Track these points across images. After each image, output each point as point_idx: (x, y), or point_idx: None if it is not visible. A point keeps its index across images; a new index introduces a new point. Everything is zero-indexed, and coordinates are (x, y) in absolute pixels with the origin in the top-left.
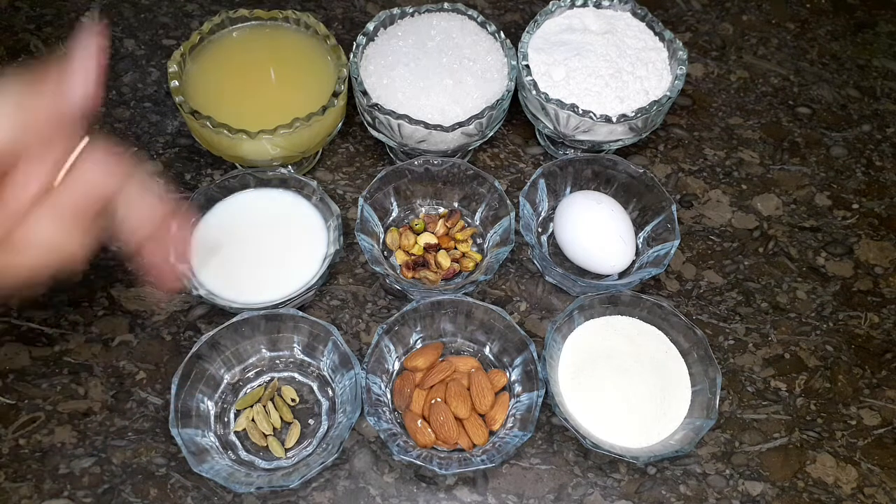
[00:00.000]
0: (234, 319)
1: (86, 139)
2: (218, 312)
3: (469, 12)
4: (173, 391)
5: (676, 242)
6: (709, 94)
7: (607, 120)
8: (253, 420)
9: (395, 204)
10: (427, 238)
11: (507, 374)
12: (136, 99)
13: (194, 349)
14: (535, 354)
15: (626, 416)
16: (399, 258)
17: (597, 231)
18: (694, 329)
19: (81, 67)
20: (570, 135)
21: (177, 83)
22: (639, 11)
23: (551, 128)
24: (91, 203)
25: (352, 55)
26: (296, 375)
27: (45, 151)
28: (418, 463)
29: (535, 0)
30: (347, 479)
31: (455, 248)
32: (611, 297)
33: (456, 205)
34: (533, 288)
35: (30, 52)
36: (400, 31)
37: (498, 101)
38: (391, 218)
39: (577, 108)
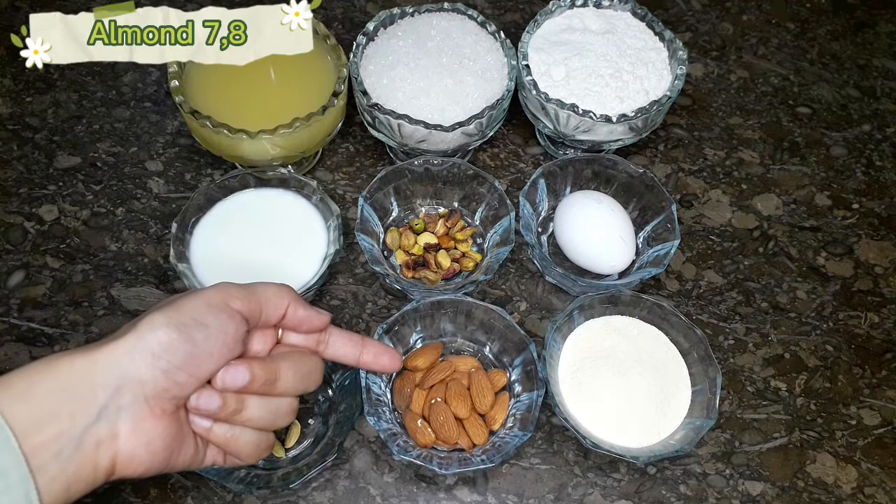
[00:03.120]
0: None
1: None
2: None
3: (469, 12)
4: None
5: (676, 242)
6: (709, 93)
7: (607, 120)
8: None
9: (395, 204)
10: (427, 238)
11: (507, 373)
12: (136, 99)
13: None
14: (535, 354)
15: (626, 416)
16: (399, 258)
17: (597, 231)
18: (694, 329)
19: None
20: (570, 135)
21: (177, 83)
22: (639, 11)
23: (551, 128)
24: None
25: (352, 55)
26: None
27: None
28: (418, 463)
29: (535, 0)
30: (347, 479)
31: (455, 248)
32: (611, 297)
33: (456, 205)
34: (533, 288)
35: None
36: (400, 30)
37: (498, 100)
38: (391, 218)
39: (577, 107)
